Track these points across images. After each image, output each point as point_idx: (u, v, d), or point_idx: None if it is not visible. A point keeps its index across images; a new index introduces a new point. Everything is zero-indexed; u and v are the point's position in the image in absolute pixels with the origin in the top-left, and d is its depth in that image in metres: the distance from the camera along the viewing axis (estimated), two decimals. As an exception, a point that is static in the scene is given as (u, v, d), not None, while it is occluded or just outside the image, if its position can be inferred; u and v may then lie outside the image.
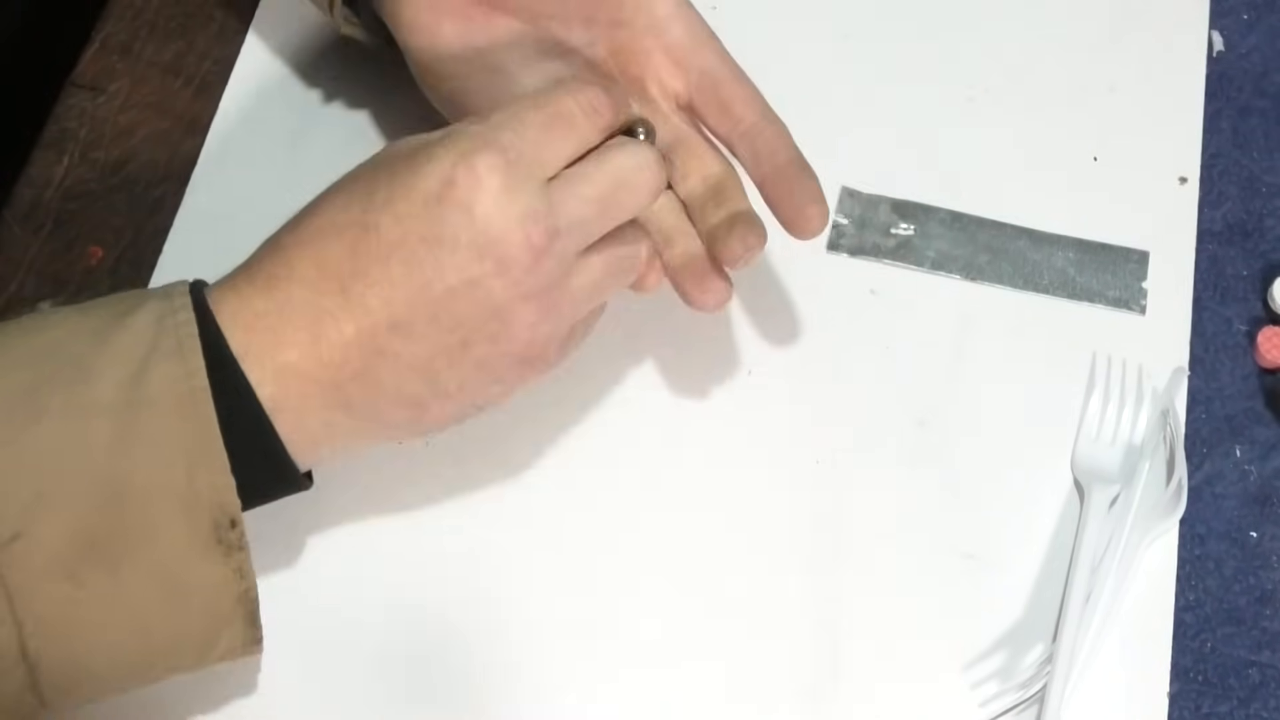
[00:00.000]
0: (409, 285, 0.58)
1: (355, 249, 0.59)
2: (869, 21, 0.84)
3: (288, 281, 0.59)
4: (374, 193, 0.59)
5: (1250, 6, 0.84)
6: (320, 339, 0.58)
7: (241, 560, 0.57)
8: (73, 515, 0.55)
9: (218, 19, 0.83)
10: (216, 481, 0.56)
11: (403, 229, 0.58)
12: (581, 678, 0.68)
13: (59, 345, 0.57)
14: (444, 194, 0.58)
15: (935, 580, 0.69)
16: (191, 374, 0.56)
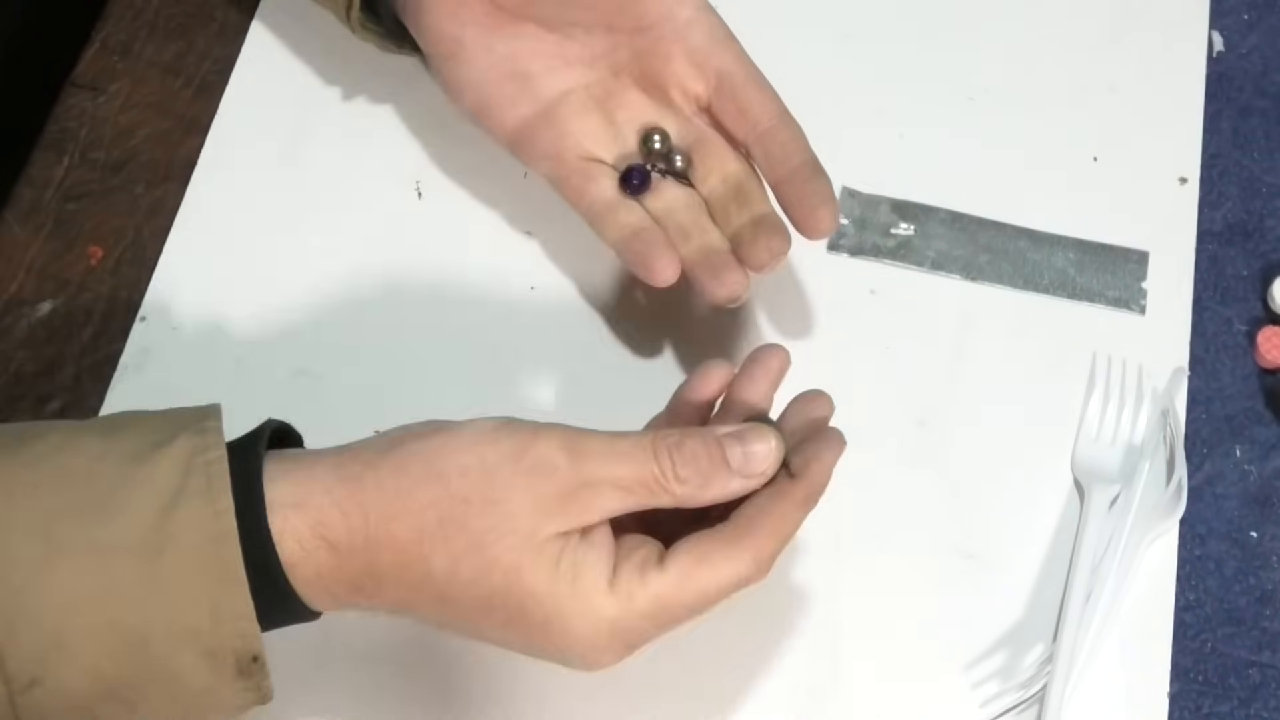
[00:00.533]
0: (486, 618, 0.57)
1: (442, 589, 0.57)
2: (869, 21, 0.84)
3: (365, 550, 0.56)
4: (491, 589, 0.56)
5: (1250, 6, 0.84)
6: (366, 578, 0.57)
7: (261, 680, 0.56)
8: (93, 663, 0.54)
9: (218, 19, 0.83)
10: (242, 628, 0.55)
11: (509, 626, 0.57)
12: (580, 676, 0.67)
13: (84, 472, 0.55)
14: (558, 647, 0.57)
15: (935, 580, 0.69)
16: (220, 515, 0.54)
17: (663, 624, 0.57)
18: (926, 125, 0.81)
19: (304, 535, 0.56)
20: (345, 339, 0.75)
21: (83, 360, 0.74)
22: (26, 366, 0.74)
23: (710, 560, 0.57)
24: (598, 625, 0.56)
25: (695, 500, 0.57)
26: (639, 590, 0.56)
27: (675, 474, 0.57)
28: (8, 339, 0.75)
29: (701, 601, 0.57)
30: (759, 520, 0.58)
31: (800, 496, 0.59)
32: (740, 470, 0.58)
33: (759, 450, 0.58)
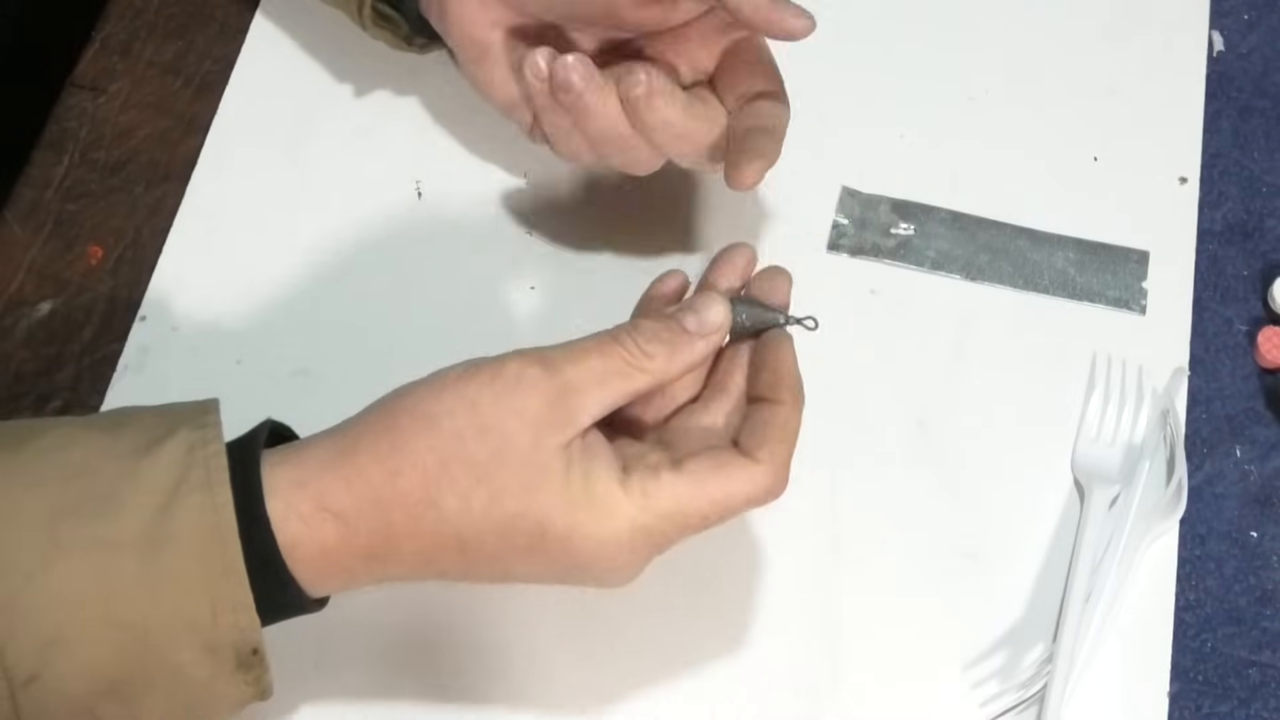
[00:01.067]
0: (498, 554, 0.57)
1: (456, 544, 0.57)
2: (869, 21, 0.84)
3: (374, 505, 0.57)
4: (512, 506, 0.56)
5: (1250, 6, 0.84)
6: (373, 529, 0.57)
7: (260, 673, 0.57)
8: (93, 658, 0.54)
9: (218, 19, 0.83)
10: (241, 621, 0.55)
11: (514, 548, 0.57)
12: (580, 676, 0.67)
13: (86, 468, 0.55)
14: (579, 561, 0.57)
15: (935, 580, 0.69)
16: (219, 508, 0.55)
17: (680, 526, 0.58)
18: (926, 125, 0.81)
19: (307, 512, 0.56)
20: (345, 339, 0.75)
21: (83, 360, 0.74)
22: (26, 366, 0.74)
23: (727, 468, 0.58)
24: (618, 526, 0.56)
25: (669, 373, 0.59)
26: (655, 490, 0.57)
27: (642, 351, 0.58)
28: (8, 339, 0.75)
29: (718, 510, 0.58)
30: (762, 431, 0.59)
31: (789, 399, 0.60)
32: (699, 331, 0.59)
33: (709, 310, 0.60)
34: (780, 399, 0.60)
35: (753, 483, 0.58)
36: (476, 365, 0.57)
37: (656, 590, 0.69)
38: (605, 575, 0.58)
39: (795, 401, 0.60)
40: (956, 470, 0.72)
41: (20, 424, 0.59)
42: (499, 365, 0.57)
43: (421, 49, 0.77)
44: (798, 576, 0.69)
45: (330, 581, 0.58)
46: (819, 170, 0.79)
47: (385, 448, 0.56)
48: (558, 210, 0.78)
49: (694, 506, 0.57)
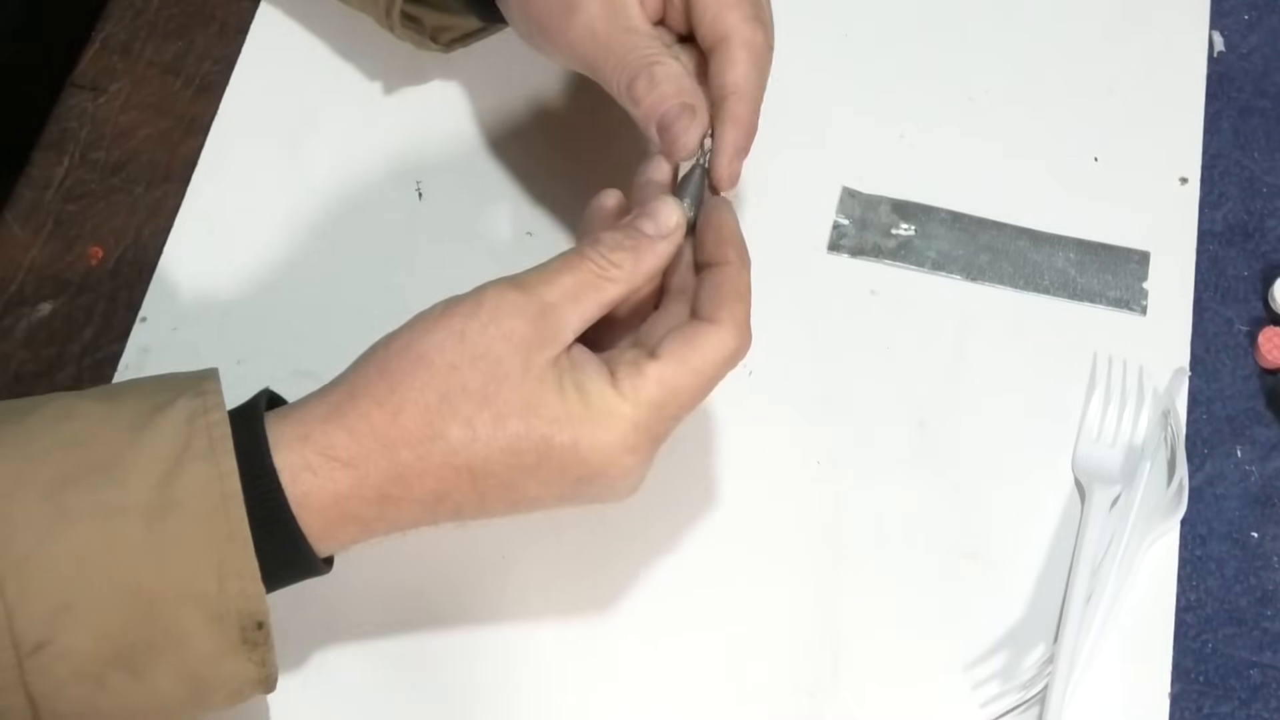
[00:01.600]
0: (504, 482, 0.58)
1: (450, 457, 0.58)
2: (869, 21, 0.84)
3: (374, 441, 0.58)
4: (495, 414, 0.58)
5: (1251, 7, 0.84)
6: (383, 474, 0.58)
7: (265, 653, 0.57)
8: (100, 625, 0.55)
9: (218, 19, 0.83)
10: (247, 589, 0.56)
11: (513, 467, 0.58)
12: (581, 676, 0.67)
13: (87, 437, 0.56)
14: (582, 473, 0.59)
15: (935, 580, 0.69)
16: (224, 476, 0.55)
17: (673, 409, 0.59)
18: (927, 125, 0.81)
19: (316, 463, 0.57)
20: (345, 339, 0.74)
21: (83, 360, 0.74)
22: (26, 366, 0.74)
23: (696, 338, 0.60)
24: (621, 427, 0.58)
25: (637, 277, 0.61)
26: (642, 383, 0.58)
27: (608, 260, 0.60)
28: (8, 339, 0.75)
29: (702, 380, 0.60)
30: (717, 294, 0.61)
31: (735, 258, 0.62)
32: (659, 232, 0.61)
33: (663, 210, 0.62)
34: (727, 259, 0.62)
35: (722, 344, 0.60)
36: (454, 301, 0.59)
37: (656, 590, 0.69)
38: (614, 482, 0.59)
39: (741, 260, 0.62)
40: (957, 470, 0.72)
41: (16, 401, 0.59)
42: (478, 295, 0.59)
43: (448, 46, 0.77)
44: (798, 576, 0.69)
45: (341, 532, 0.58)
46: (819, 170, 0.79)
47: (383, 391, 0.58)
48: (558, 210, 0.78)
49: (680, 384, 0.59)
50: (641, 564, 0.70)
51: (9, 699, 0.54)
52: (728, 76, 0.65)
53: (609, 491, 0.60)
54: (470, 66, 0.79)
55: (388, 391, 0.57)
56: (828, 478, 0.72)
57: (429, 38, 0.76)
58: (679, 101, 0.64)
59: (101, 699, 0.56)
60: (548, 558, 0.69)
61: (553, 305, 0.59)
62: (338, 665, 0.67)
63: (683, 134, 0.64)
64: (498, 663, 0.68)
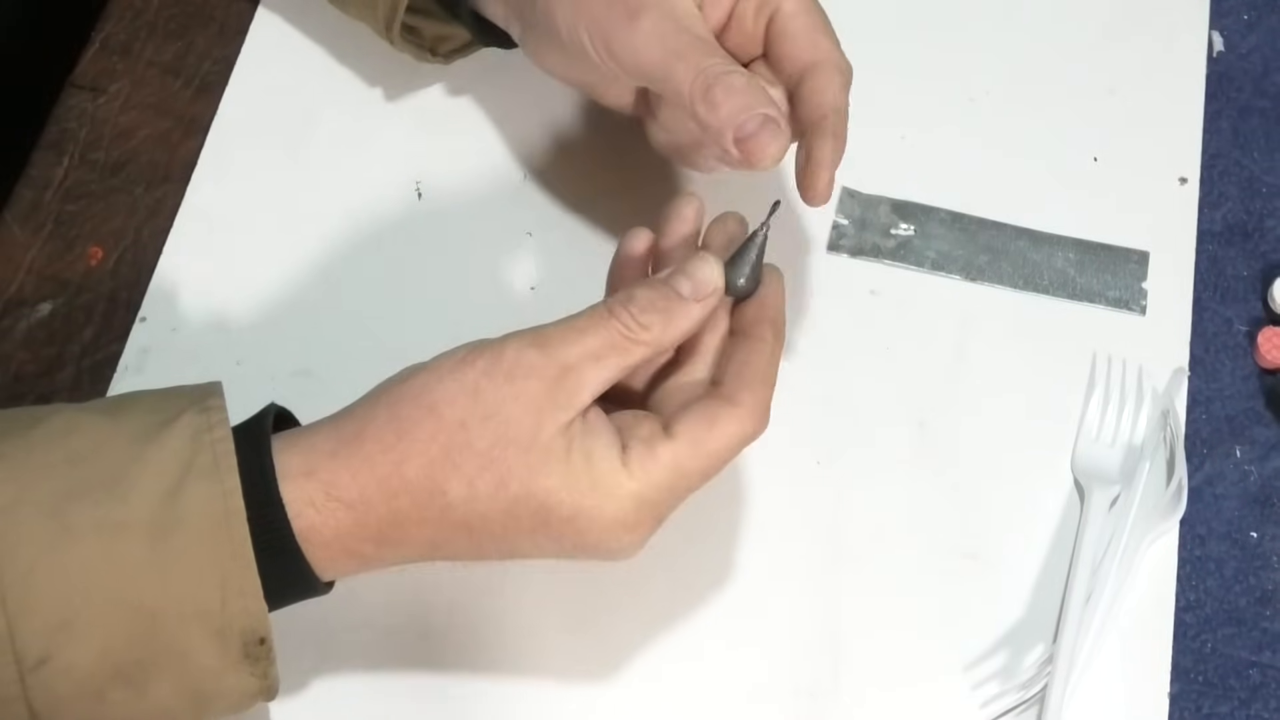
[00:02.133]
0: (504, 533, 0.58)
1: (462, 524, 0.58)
2: (869, 21, 0.84)
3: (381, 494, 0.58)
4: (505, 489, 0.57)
5: (1250, 7, 0.84)
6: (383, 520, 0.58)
7: (267, 666, 0.57)
8: (103, 641, 0.55)
9: (218, 19, 0.83)
10: (249, 606, 0.56)
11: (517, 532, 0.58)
12: (580, 676, 0.67)
13: (90, 452, 0.56)
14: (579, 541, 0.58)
15: (935, 580, 0.69)
16: (228, 494, 0.55)
17: (681, 491, 0.59)
18: (927, 125, 0.81)
19: (318, 499, 0.57)
20: (345, 339, 0.75)
21: (83, 360, 0.74)
22: (27, 367, 0.74)
23: (716, 421, 0.58)
24: (622, 504, 0.57)
25: (665, 341, 0.59)
26: (652, 463, 0.58)
27: (638, 323, 0.58)
28: (8, 339, 0.75)
29: (714, 463, 0.59)
30: (745, 373, 0.60)
31: (770, 337, 0.61)
32: (694, 295, 0.59)
33: (703, 272, 0.60)
34: (762, 336, 0.61)
35: (741, 429, 0.59)
36: (476, 350, 0.58)
37: (656, 591, 0.69)
38: (612, 551, 0.59)
39: (776, 338, 0.61)
40: (956, 470, 0.72)
41: (17, 411, 0.59)
42: (498, 350, 0.58)
43: (448, 58, 0.77)
44: (798, 576, 0.69)
45: (342, 565, 0.58)
46: (819, 170, 0.78)
47: (390, 437, 0.57)
48: (558, 210, 0.78)
49: (691, 466, 0.58)
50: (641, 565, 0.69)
51: (11, 713, 0.54)
52: (827, 96, 0.65)
53: (606, 556, 0.59)
54: (470, 67, 0.79)
55: (394, 438, 0.57)
56: (828, 478, 0.72)
57: (429, 49, 0.76)
58: (762, 112, 0.62)
59: (103, 714, 0.56)
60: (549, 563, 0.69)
61: (572, 368, 0.57)
62: (338, 674, 0.67)
63: (769, 145, 0.62)
64: (498, 667, 0.67)
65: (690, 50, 0.64)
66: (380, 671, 0.67)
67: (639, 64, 0.65)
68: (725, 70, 0.63)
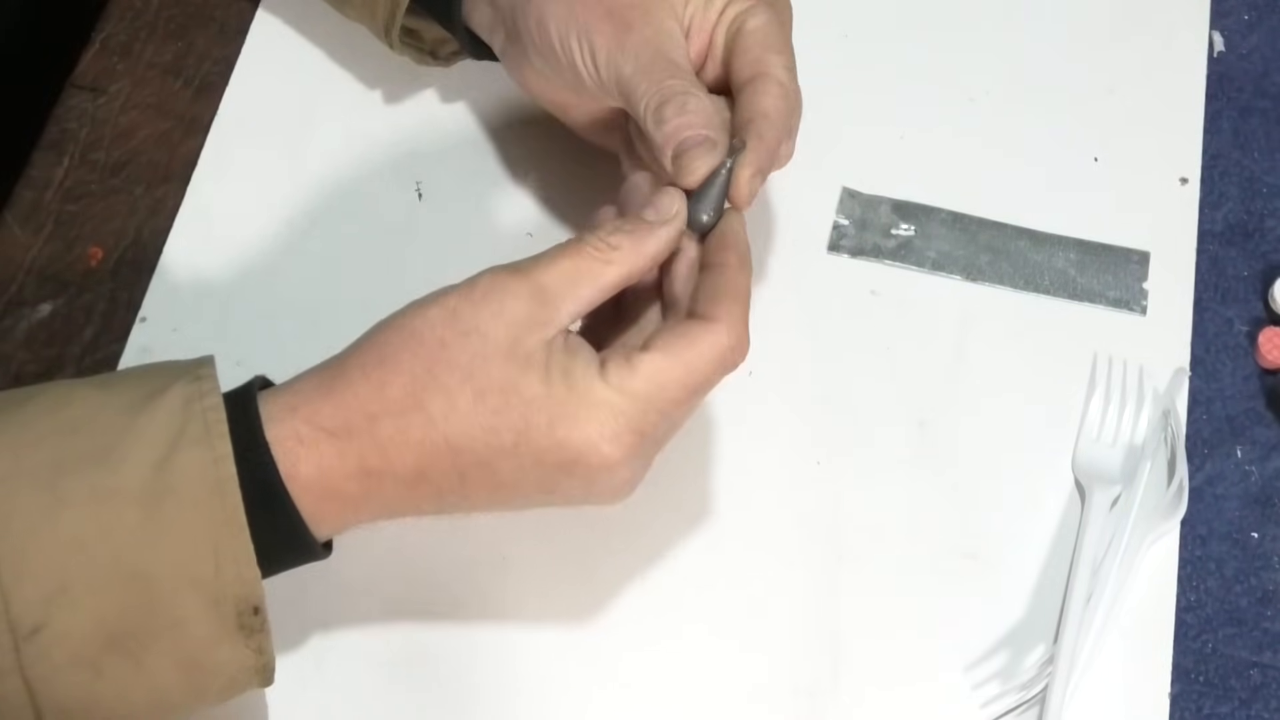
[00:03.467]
0: (492, 472, 0.59)
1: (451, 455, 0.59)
2: (869, 21, 0.84)
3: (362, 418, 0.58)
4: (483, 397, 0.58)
5: (1251, 7, 0.84)
6: (376, 465, 0.58)
7: (262, 640, 0.57)
8: (97, 609, 0.55)
9: (218, 19, 0.83)
10: (243, 573, 0.56)
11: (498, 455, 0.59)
12: (580, 676, 0.67)
13: (83, 423, 0.56)
14: (566, 463, 0.59)
15: (935, 580, 0.69)
16: (219, 461, 0.56)
17: (662, 405, 0.59)
18: (927, 125, 0.81)
19: (303, 431, 0.57)
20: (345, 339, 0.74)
21: (83, 360, 0.74)
22: (27, 367, 0.74)
23: (690, 333, 0.59)
24: (601, 415, 0.58)
25: (636, 263, 0.60)
26: (630, 374, 0.58)
27: (606, 243, 0.60)
28: (8, 339, 0.75)
29: (693, 376, 0.59)
30: (714, 294, 0.61)
31: (735, 261, 0.62)
32: (659, 218, 0.61)
33: (664, 198, 0.62)
34: (727, 261, 0.62)
35: (717, 343, 0.59)
36: (452, 285, 0.60)
37: (656, 590, 0.69)
38: (594, 474, 0.59)
39: (742, 262, 0.62)
40: (957, 470, 0.72)
41: (12, 391, 0.59)
42: (474, 279, 0.60)
43: (448, 60, 0.77)
44: (798, 576, 0.69)
45: (331, 512, 0.59)
46: (819, 170, 0.78)
47: (372, 362, 0.58)
48: (558, 210, 0.78)
49: (669, 377, 0.59)
50: (641, 564, 0.70)
51: (6, 685, 0.54)
52: (759, 103, 0.65)
53: (591, 486, 0.59)
54: (471, 68, 0.79)
55: (376, 363, 0.58)
56: (828, 478, 0.72)
57: (429, 52, 0.77)
58: (702, 132, 0.64)
59: (99, 685, 0.56)
60: (547, 556, 0.69)
61: (549, 288, 0.59)
62: (336, 663, 0.67)
63: (697, 160, 0.63)
64: (497, 662, 0.68)
65: (656, 68, 0.65)
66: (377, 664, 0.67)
67: (618, 77, 0.66)
68: (682, 90, 0.65)
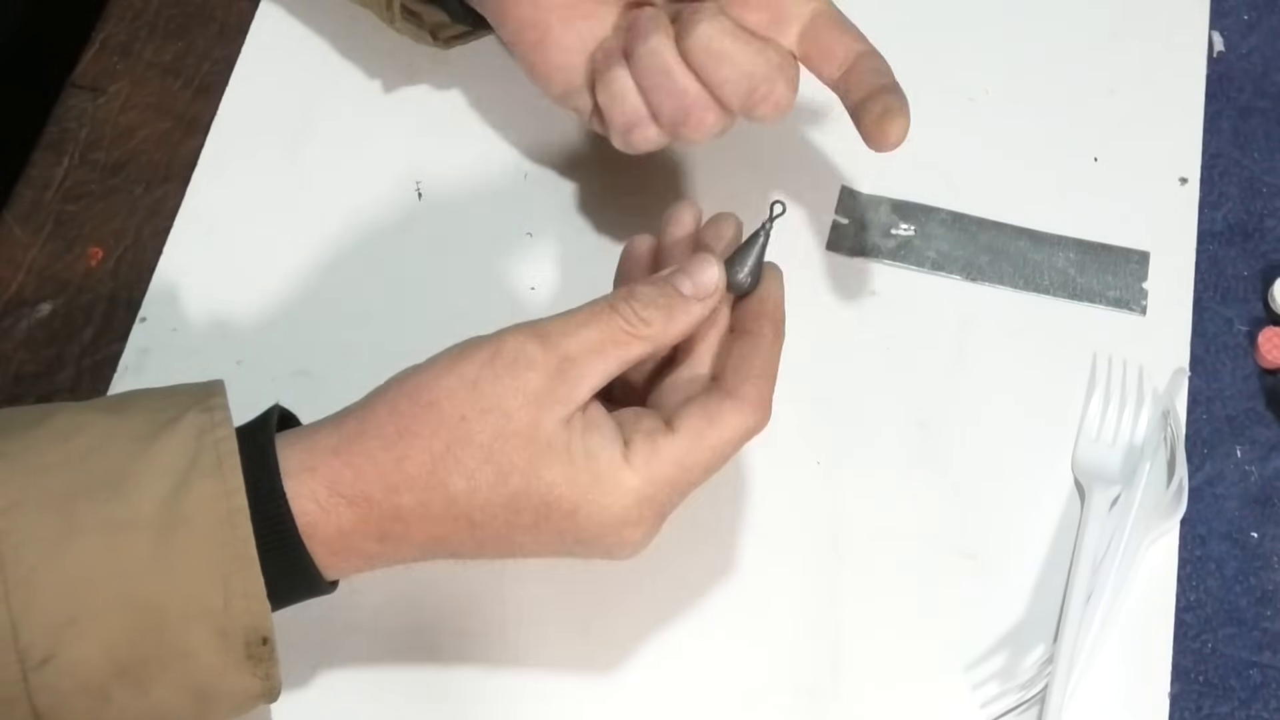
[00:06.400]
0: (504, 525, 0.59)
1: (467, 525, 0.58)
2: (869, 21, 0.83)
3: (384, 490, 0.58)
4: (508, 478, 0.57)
5: (1250, 7, 0.84)
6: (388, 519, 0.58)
7: (270, 667, 0.57)
8: (106, 638, 0.55)
9: (218, 19, 0.83)
10: (252, 606, 0.56)
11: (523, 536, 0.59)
12: (580, 676, 0.67)
13: (94, 451, 0.56)
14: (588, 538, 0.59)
15: (935, 580, 0.69)
16: (231, 493, 0.55)
17: (684, 486, 0.59)
18: (927, 125, 0.80)
19: (321, 496, 0.57)
20: (345, 339, 0.75)
21: (83, 361, 0.74)
22: (26, 367, 0.74)
23: (718, 416, 0.59)
24: (624, 500, 0.57)
25: (666, 338, 0.59)
26: (654, 458, 0.58)
27: (639, 318, 0.59)
28: (8, 340, 0.75)
29: (717, 458, 0.59)
30: (745, 367, 0.60)
31: (770, 333, 0.61)
32: (695, 294, 0.60)
33: (704, 272, 0.60)
34: (762, 332, 0.61)
35: (742, 423, 0.59)
36: (475, 344, 0.58)
37: (656, 591, 0.69)
38: (613, 548, 0.59)
39: (776, 334, 0.61)
40: (956, 470, 0.72)
41: (21, 410, 0.59)
42: (497, 344, 0.58)
43: (447, 43, 0.77)
44: (798, 576, 0.69)
45: (345, 563, 0.58)
46: (819, 170, 0.79)
47: (391, 434, 0.57)
48: (558, 210, 0.78)
49: (693, 461, 0.58)
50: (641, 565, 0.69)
51: (15, 713, 0.54)
52: (861, 81, 0.67)
53: (607, 555, 0.59)
54: (470, 66, 0.79)
55: (395, 435, 0.57)
56: (828, 478, 0.72)
57: (429, 32, 0.76)
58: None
59: (107, 713, 0.56)
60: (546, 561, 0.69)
61: (573, 361, 0.58)
62: (339, 676, 0.67)
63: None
64: (499, 667, 0.67)
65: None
66: (381, 673, 0.67)
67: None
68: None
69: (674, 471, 0.58)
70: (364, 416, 0.58)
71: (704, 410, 0.59)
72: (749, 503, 0.71)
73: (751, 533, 0.70)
